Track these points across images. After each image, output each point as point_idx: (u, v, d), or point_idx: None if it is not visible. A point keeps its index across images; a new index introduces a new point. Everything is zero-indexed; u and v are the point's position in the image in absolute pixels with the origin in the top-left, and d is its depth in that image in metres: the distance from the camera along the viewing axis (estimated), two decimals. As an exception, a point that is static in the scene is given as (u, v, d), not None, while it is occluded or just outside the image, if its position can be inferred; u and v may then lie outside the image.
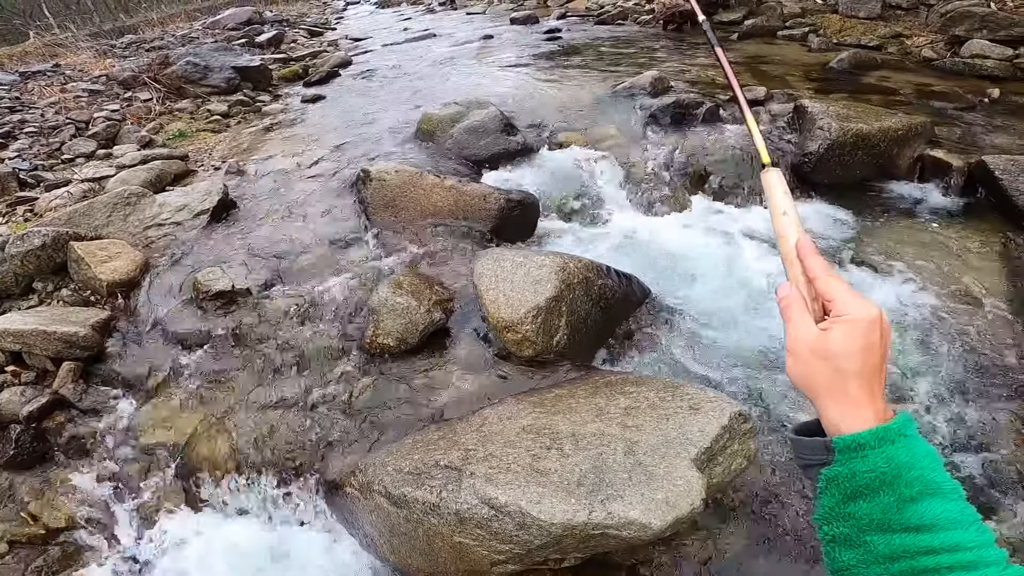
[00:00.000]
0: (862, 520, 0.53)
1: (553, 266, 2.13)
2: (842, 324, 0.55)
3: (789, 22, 5.84)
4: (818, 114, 3.26)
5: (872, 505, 0.53)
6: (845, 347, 0.54)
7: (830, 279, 0.58)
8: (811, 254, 0.60)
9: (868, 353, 0.54)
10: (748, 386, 2.13)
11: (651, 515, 1.41)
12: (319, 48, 7.23)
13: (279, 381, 2.04)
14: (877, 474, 0.52)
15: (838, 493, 0.55)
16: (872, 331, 0.55)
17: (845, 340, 0.55)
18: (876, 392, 0.55)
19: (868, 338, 0.54)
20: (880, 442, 0.53)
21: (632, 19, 7.02)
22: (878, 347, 0.55)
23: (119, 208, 2.83)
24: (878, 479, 0.52)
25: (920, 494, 0.52)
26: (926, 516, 0.51)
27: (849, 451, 0.53)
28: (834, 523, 0.55)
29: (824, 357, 0.55)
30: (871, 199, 3.17)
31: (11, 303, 2.42)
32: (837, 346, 0.55)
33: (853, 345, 0.54)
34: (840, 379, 0.55)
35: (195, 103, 4.93)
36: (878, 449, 0.52)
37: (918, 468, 0.52)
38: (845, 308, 0.56)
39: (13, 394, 2.04)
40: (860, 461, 0.53)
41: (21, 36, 9.93)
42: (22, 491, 1.91)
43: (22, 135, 4.19)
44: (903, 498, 0.52)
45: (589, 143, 3.53)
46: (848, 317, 0.55)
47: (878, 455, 0.52)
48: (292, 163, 3.48)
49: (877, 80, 4.32)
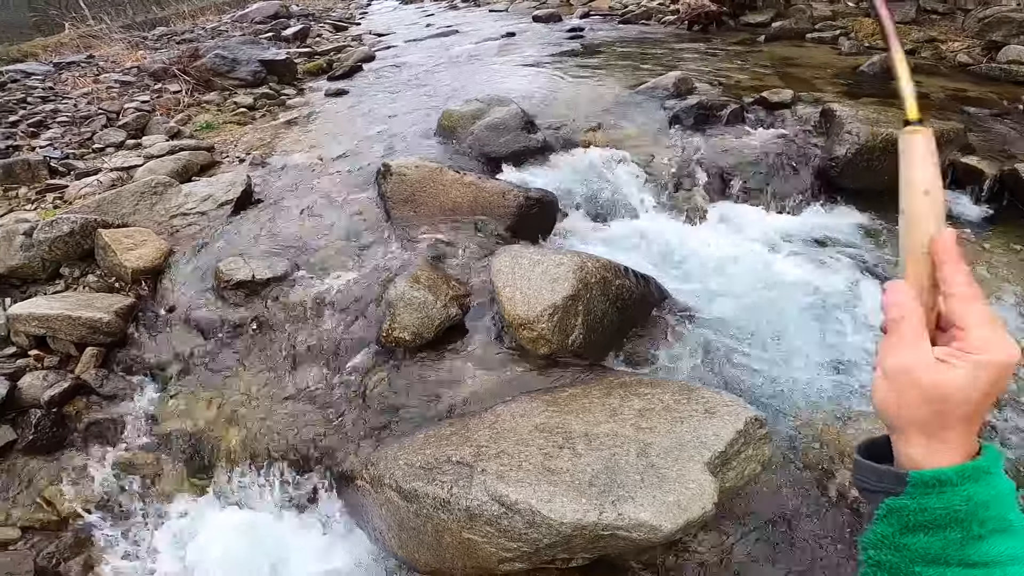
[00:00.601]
0: (916, 552, 0.47)
1: (571, 265, 2.12)
2: (971, 366, 0.45)
3: (819, 25, 5.73)
4: (846, 118, 3.19)
5: (933, 540, 0.47)
6: (965, 393, 0.45)
7: (971, 301, 0.46)
8: (954, 259, 0.46)
9: (986, 400, 0.45)
10: (765, 392, 2.10)
11: (662, 517, 1.41)
12: (343, 43, 7.30)
13: (295, 372, 2.06)
14: (950, 512, 0.46)
15: (898, 523, 0.48)
16: (1002, 379, 0.45)
17: (968, 385, 0.44)
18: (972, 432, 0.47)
19: (995, 385, 0.45)
20: (963, 480, 0.46)
21: (656, 19, 6.96)
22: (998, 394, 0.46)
23: (146, 197, 2.88)
24: (950, 517, 0.46)
25: (991, 532, 0.46)
26: (989, 554, 0.46)
27: (926, 486, 0.46)
28: (883, 551, 0.49)
29: (933, 398, 0.45)
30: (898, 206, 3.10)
31: (37, 288, 2.48)
32: (956, 389, 0.45)
33: (976, 392, 0.44)
34: (942, 421, 0.46)
35: (222, 95, 5.01)
36: (959, 487, 0.46)
37: (996, 507, 0.46)
38: (981, 344, 0.45)
39: (35, 378, 2.08)
40: (936, 498, 0.46)
41: (57, 27, 10.17)
42: (39, 476, 1.92)
43: (55, 124, 4.29)
44: (970, 536, 0.46)
45: (610, 143, 3.51)
46: (982, 359, 0.44)
47: (957, 492, 0.46)
48: (314, 156, 3.51)
49: (909, 84, 4.21)
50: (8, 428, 1.98)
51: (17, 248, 2.47)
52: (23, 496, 1.88)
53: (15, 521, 1.83)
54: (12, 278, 2.48)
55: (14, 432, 1.98)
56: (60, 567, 1.78)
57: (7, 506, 1.85)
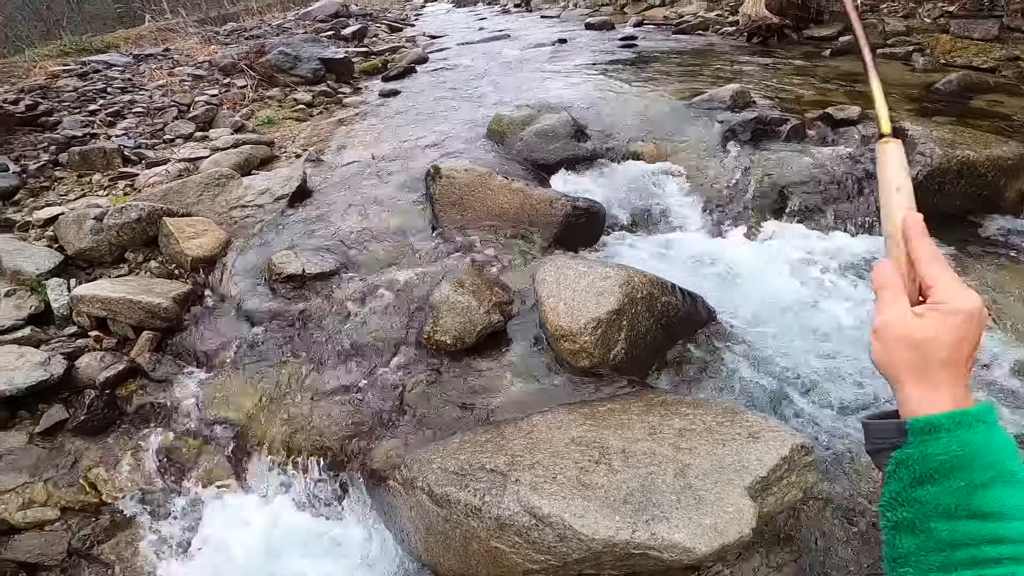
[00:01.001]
0: (928, 505, 0.52)
1: (618, 279, 2.09)
2: (939, 313, 0.53)
3: (891, 40, 5.48)
4: (919, 138, 3.03)
5: (940, 489, 0.51)
6: (941, 337, 0.52)
7: (935, 264, 0.55)
8: (919, 234, 0.57)
9: (960, 345, 0.53)
10: (812, 422, 2.01)
11: (697, 540, 1.39)
12: (398, 44, 7.46)
13: (336, 368, 2.10)
14: (950, 457, 0.51)
15: (907, 476, 0.53)
16: (970, 324, 0.53)
17: (940, 330, 0.53)
18: (960, 379, 0.53)
19: (964, 330, 0.53)
20: (956, 425, 0.51)
21: (713, 30, 6.81)
22: (971, 339, 0.53)
23: (209, 188, 3.02)
24: (950, 462, 0.51)
25: (992, 480, 0.50)
26: (996, 503, 0.49)
27: (923, 433, 0.52)
28: (898, 509, 0.54)
29: (913, 345, 0.53)
30: (970, 233, 2.92)
31: (103, 270, 2.61)
32: (930, 334, 0.53)
33: (947, 336, 0.52)
34: (927, 366, 0.53)
35: (283, 91, 5.20)
36: (954, 432, 0.51)
37: (993, 455, 0.51)
38: (946, 296, 0.53)
39: (93, 359, 2.13)
40: (933, 443, 0.51)
41: (138, 19, 10.80)
42: (85, 458, 1.94)
43: (131, 115, 4.54)
44: (974, 483, 0.50)
45: (662, 155, 3.44)
46: (947, 307, 0.53)
47: (952, 438, 0.51)
48: (366, 155, 3.59)
49: (988, 104, 3.97)
50: (60, 407, 2.01)
51: (87, 232, 2.62)
52: (67, 477, 1.90)
53: (56, 501, 1.85)
54: (79, 260, 2.63)
55: (66, 411, 2.00)
56: (93, 550, 1.79)
57: (50, 486, 1.88)
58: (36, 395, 2.03)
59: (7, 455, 1.93)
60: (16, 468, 1.90)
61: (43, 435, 1.98)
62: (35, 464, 1.92)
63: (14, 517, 1.82)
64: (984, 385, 2.09)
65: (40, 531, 1.82)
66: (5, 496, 1.85)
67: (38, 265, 2.50)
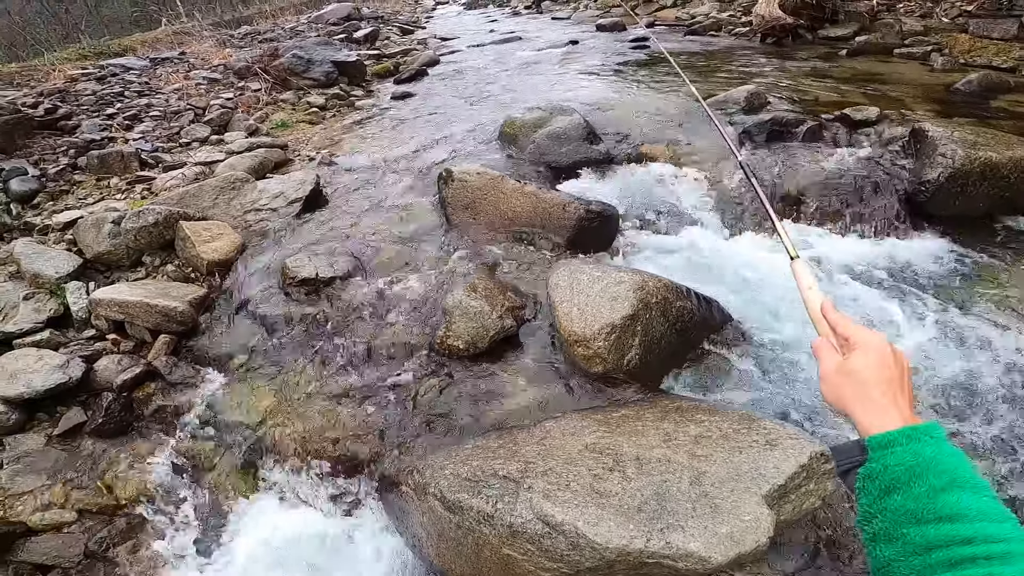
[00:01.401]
0: (897, 513, 0.58)
1: (632, 284, 2.07)
2: (858, 349, 0.69)
3: (908, 40, 5.39)
4: (940, 139, 2.97)
5: (905, 496, 0.58)
6: (863, 363, 0.67)
7: (846, 321, 0.74)
8: (831, 310, 0.76)
9: (883, 367, 0.66)
10: (829, 428, 1.98)
11: (713, 549, 1.37)
12: (410, 46, 7.49)
13: (349, 372, 2.11)
14: (907, 466, 0.58)
15: (874, 489, 0.60)
16: (882, 351, 0.68)
17: (862, 359, 0.68)
18: (900, 401, 0.65)
19: (879, 355, 0.67)
20: (908, 439, 0.60)
21: (726, 31, 6.75)
22: (891, 364, 0.67)
23: (225, 192, 3.04)
24: (908, 471, 0.58)
25: (950, 484, 0.56)
26: (956, 506, 0.55)
27: (880, 448, 0.61)
28: (873, 520, 0.60)
29: (847, 374, 0.68)
30: (994, 235, 2.86)
31: (120, 274, 2.65)
32: (856, 364, 0.68)
33: (869, 361, 0.67)
34: (864, 389, 0.66)
35: (297, 94, 5.23)
36: (907, 445, 0.60)
37: (945, 463, 0.58)
38: (858, 338, 0.70)
39: (111, 361, 2.16)
40: (891, 455, 0.60)
41: (154, 23, 10.94)
42: (102, 460, 1.95)
43: (147, 118, 4.60)
44: (934, 488, 0.56)
45: (675, 158, 3.42)
46: (861, 343, 0.69)
47: (906, 450, 0.59)
48: (379, 158, 3.61)
49: (1010, 104, 3.89)
50: (79, 410, 2.04)
51: (105, 235, 2.65)
52: (85, 479, 1.91)
53: (74, 503, 1.86)
54: (98, 263, 2.66)
55: (84, 414, 2.03)
56: (109, 552, 1.80)
57: (68, 488, 1.89)
58: (54, 397, 2.05)
59: (25, 457, 1.94)
60: (34, 470, 1.91)
61: (61, 437, 1.99)
62: (53, 466, 1.93)
63: (31, 519, 1.83)
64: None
65: (57, 533, 1.83)
66: (23, 498, 1.86)
67: (57, 268, 2.53)
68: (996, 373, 2.12)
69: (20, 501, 1.85)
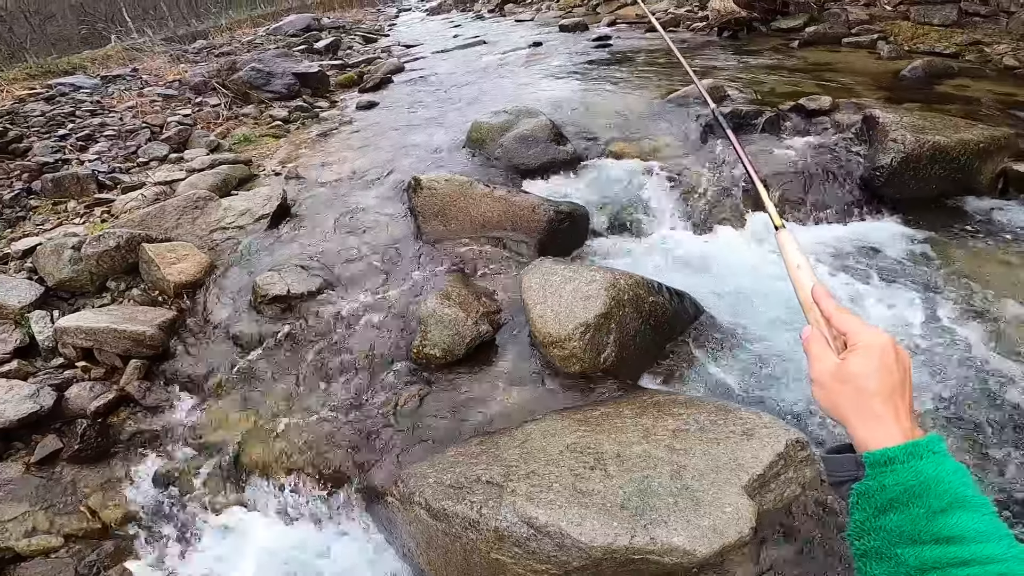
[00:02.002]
0: (892, 533, 0.55)
1: (603, 282, 2.10)
2: (858, 350, 0.61)
3: (855, 29, 5.57)
4: (891, 125, 3.09)
5: (902, 517, 0.54)
6: (863, 369, 0.60)
7: (844, 315, 0.65)
8: (825, 297, 0.67)
9: (885, 373, 0.59)
10: (805, 414, 2.03)
11: (696, 542, 1.38)
12: (373, 55, 7.43)
13: (327, 386, 2.09)
14: (906, 487, 0.55)
15: (869, 507, 0.57)
16: (886, 354, 0.60)
17: (862, 363, 0.60)
18: (901, 412, 0.59)
19: (883, 360, 0.60)
20: (909, 456, 0.55)
21: (684, 26, 6.88)
22: (895, 368, 0.60)
23: (188, 211, 2.98)
24: (907, 492, 0.55)
25: (949, 506, 0.53)
26: (956, 528, 0.52)
27: (879, 465, 0.56)
28: (865, 537, 0.57)
29: (845, 381, 0.61)
30: (948, 216, 2.97)
31: (85, 300, 2.58)
32: (856, 369, 0.60)
33: (870, 367, 0.60)
34: (863, 399, 0.59)
35: (258, 108, 5.15)
36: (907, 463, 0.55)
37: (947, 482, 0.54)
38: (859, 337, 0.62)
39: (82, 389, 2.15)
40: (890, 475, 0.55)
41: (104, 40, 10.62)
42: (84, 485, 1.96)
43: (102, 138, 4.48)
44: (932, 510, 0.53)
45: (641, 154, 3.47)
46: (862, 344, 0.61)
47: (907, 469, 0.55)
48: (346, 169, 3.58)
49: (954, 89, 4.06)
50: (54, 437, 2.04)
51: (66, 262, 2.58)
52: (67, 504, 1.92)
53: (59, 528, 1.87)
54: (61, 291, 2.59)
55: (60, 441, 2.03)
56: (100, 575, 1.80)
57: (52, 514, 1.89)
58: (28, 426, 2.05)
59: (5, 485, 1.94)
60: (16, 497, 1.92)
61: (39, 465, 2.00)
62: (34, 493, 1.94)
63: (19, 545, 1.83)
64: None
65: (46, 558, 1.83)
66: (8, 524, 1.86)
67: (20, 298, 2.46)
68: (949, 344, 2.21)
69: (6, 528, 1.85)
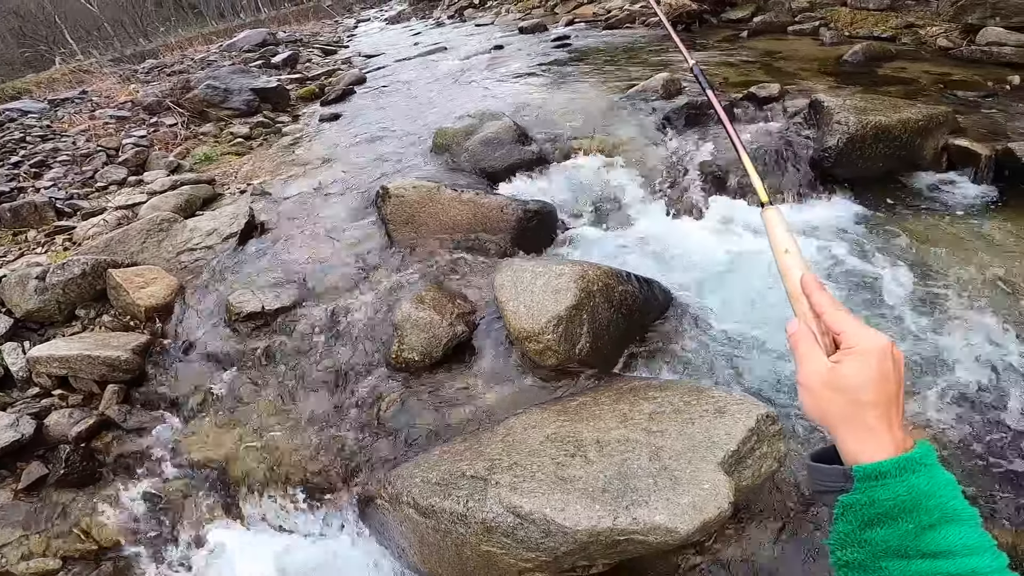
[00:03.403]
0: (878, 546, 0.53)
1: (572, 274, 2.16)
2: (854, 356, 0.56)
3: (798, 17, 5.78)
4: (835, 108, 3.23)
5: (890, 532, 0.53)
6: (859, 378, 0.55)
7: (838, 312, 0.59)
8: (817, 289, 0.61)
9: (883, 383, 0.55)
10: (777, 389, 2.11)
11: (677, 520, 1.42)
12: (334, 67, 7.39)
13: (310, 398, 2.11)
14: (897, 502, 0.52)
15: (855, 520, 0.54)
16: (884, 361, 0.55)
17: (858, 371, 0.55)
18: (894, 421, 0.55)
19: (881, 368, 0.55)
20: (901, 471, 0.53)
21: (640, 22, 7.02)
22: (892, 376, 0.55)
23: (152, 234, 2.94)
24: (898, 507, 0.52)
25: (939, 521, 0.52)
26: (944, 543, 0.51)
27: (869, 480, 0.53)
28: (848, 549, 0.55)
29: (838, 389, 0.56)
30: (897, 191, 3.11)
31: (55, 330, 2.54)
32: (851, 378, 0.55)
33: (867, 376, 0.55)
34: (857, 410, 0.55)
35: (218, 126, 5.09)
36: (899, 478, 0.53)
37: (938, 497, 0.53)
38: (855, 340, 0.56)
39: (61, 416, 2.16)
40: (880, 489, 0.53)
41: (47, 63, 10.31)
42: (75, 508, 1.99)
43: (56, 164, 4.37)
44: (922, 525, 0.52)
45: (604, 149, 3.55)
46: (859, 348, 0.56)
47: (899, 484, 0.52)
48: (314, 183, 3.57)
49: (893, 71, 4.26)
50: (39, 464, 2.06)
51: (32, 292, 2.53)
52: (61, 527, 1.95)
53: (55, 551, 1.90)
54: (30, 321, 2.55)
55: (45, 467, 2.06)
56: None
57: (47, 537, 1.92)
58: (12, 455, 2.07)
59: None
60: (9, 523, 1.94)
61: (27, 491, 2.02)
62: (27, 518, 1.97)
63: (17, 568, 1.85)
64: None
65: None
66: (4, 549, 1.88)
67: (-12, 332, 2.41)
68: (902, 306, 2.33)
69: (2, 553, 1.87)
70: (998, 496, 1.72)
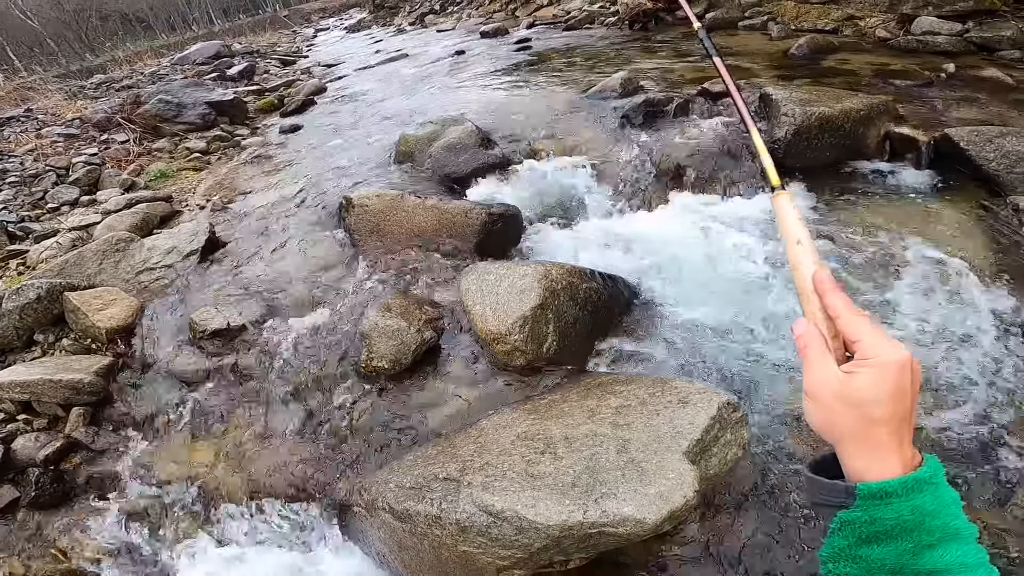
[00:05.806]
0: (874, 563, 0.51)
1: (536, 275, 2.19)
2: (870, 368, 0.52)
3: (748, 12, 5.95)
4: (782, 101, 3.35)
5: (888, 550, 0.50)
6: (874, 393, 0.51)
7: (854, 317, 0.54)
8: (832, 289, 0.56)
9: (899, 399, 0.51)
10: (741, 377, 2.15)
11: (645, 510, 1.44)
12: (293, 77, 7.30)
13: (281, 411, 2.10)
14: (899, 522, 0.50)
15: (852, 536, 0.52)
16: (903, 376, 0.52)
17: (874, 386, 0.51)
18: (905, 440, 0.52)
19: (899, 383, 0.51)
20: (908, 491, 0.50)
21: (599, 22, 7.13)
22: (908, 392, 0.52)
23: (109, 255, 2.88)
24: (899, 527, 0.50)
25: (939, 540, 0.50)
26: (942, 562, 0.50)
27: (874, 498, 0.51)
28: (841, 563, 0.53)
29: (851, 403, 0.52)
30: (845, 179, 3.24)
31: (15, 356, 2.48)
32: (865, 392, 0.51)
33: (883, 391, 0.51)
34: (867, 426, 0.52)
35: (173, 141, 4.97)
36: (904, 498, 0.50)
37: (942, 516, 0.50)
38: (873, 351, 0.52)
39: (28, 440, 2.14)
40: (884, 509, 0.50)
41: (-11, 82, 9.90)
42: (50, 529, 1.99)
43: (4, 185, 4.22)
44: (921, 545, 0.50)
45: (566, 149, 3.60)
46: (877, 361, 0.52)
47: (904, 504, 0.50)
48: (276, 196, 3.53)
49: (837, 63, 4.43)
50: (9, 487, 2.06)
51: (-14, 320, 2.45)
52: (36, 549, 1.95)
53: (36, 573, 1.89)
54: (-14, 349, 2.47)
55: (16, 491, 2.05)
56: None
57: (24, 559, 1.92)
58: None
59: None
60: None
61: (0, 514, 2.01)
62: (3, 541, 1.96)
63: None
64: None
65: None
66: None
67: (-58, 362, 2.34)
68: (852, 288, 2.43)
69: None
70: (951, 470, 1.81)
